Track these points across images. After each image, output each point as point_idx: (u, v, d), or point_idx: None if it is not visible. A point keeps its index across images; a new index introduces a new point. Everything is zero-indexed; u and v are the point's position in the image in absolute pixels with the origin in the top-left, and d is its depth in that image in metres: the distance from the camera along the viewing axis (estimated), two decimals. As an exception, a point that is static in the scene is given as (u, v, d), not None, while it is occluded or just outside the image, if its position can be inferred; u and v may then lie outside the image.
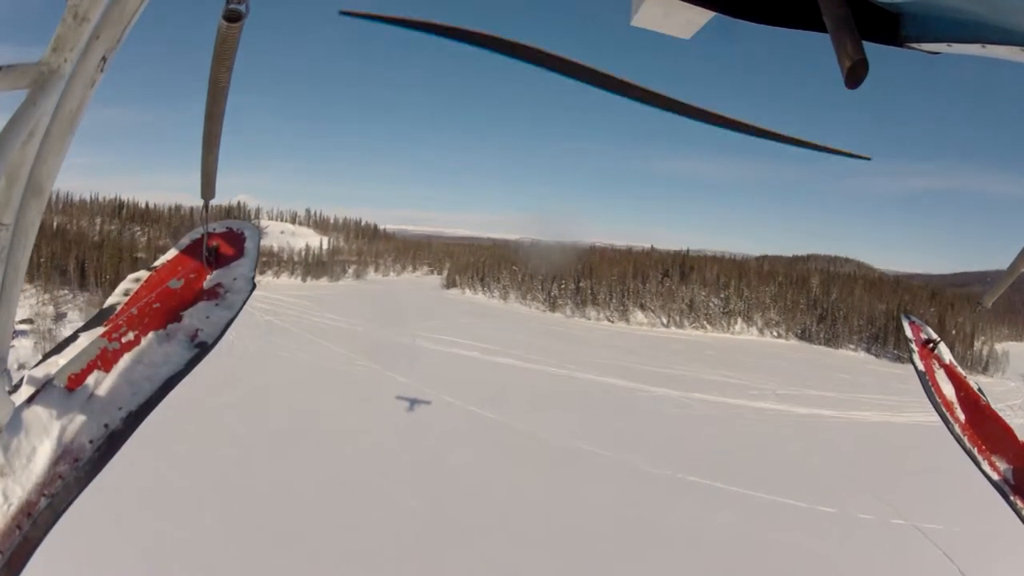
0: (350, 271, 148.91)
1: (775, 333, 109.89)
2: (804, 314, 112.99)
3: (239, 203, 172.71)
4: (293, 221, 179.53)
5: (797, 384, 74.79)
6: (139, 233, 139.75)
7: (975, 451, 3.74)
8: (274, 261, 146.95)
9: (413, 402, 53.39)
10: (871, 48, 1.64)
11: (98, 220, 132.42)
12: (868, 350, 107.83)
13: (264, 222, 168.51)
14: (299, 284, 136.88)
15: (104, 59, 1.72)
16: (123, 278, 2.88)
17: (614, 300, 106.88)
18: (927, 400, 4.03)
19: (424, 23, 2.22)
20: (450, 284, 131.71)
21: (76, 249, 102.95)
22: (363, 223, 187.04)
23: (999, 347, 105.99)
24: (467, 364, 67.15)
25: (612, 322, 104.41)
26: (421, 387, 58.00)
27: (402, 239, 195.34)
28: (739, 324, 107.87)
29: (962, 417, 3.94)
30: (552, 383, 62.63)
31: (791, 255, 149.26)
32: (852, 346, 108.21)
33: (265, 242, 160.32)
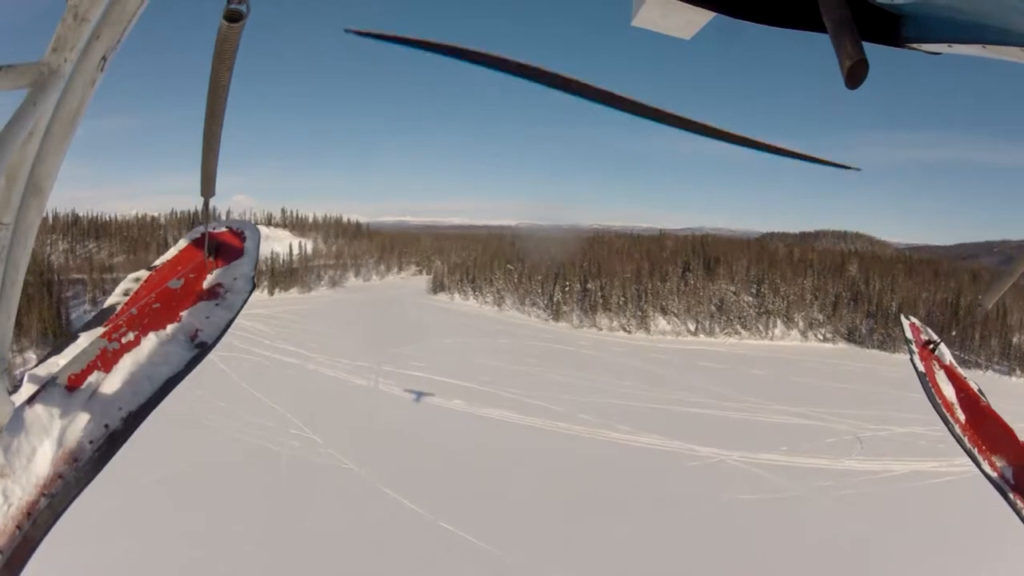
0: (325, 278, 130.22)
1: (820, 336, 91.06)
2: (849, 310, 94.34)
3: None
4: (268, 223, 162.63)
5: (874, 417, 56.26)
6: (94, 249, 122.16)
7: (975, 451, 3.63)
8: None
9: (354, 509, 34.68)
10: (871, 48, 1.64)
11: (50, 238, 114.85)
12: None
13: None
14: (264, 299, 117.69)
15: (104, 59, 1.71)
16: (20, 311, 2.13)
17: (630, 304, 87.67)
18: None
19: (428, 42, 2.16)
20: (437, 288, 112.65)
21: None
22: (345, 220, 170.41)
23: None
24: (444, 424, 47.93)
25: (629, 332, 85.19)
26: (371, 478, 39.08)
27: (390, 234, 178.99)
28: (779, 327, 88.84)
29: (962, 417, 3.84)
30: (561, 452, 43.27)
31: (799, 231, 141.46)
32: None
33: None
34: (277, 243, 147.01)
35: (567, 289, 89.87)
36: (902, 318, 4.47)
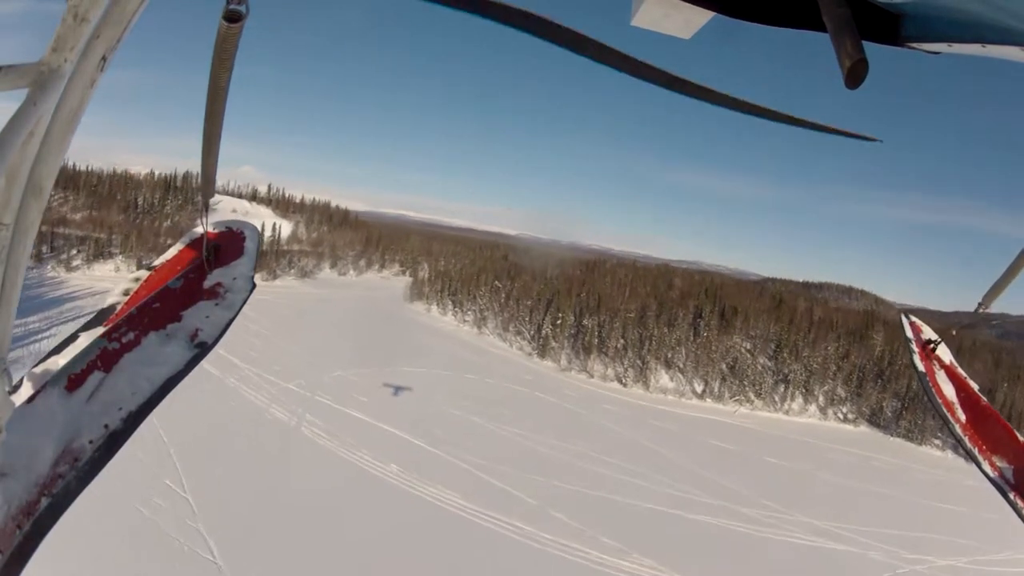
0: (296, 267, 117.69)
1: (840, 415, 78.81)
2: (874, 388, 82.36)
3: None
4: (253, 199, 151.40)
5: (911, 541, 44.87)
6: (57, 201, 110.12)
7: (975, 451, 3.61)
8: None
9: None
10: (871, 48, 1.65)
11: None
12: (956, 448, 77.67)
13: (215, 197, 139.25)
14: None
15: (104, 59, 1.71)
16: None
17: (630, 351, 74.99)
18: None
19: None
20: (416, 296, 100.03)
21: None
22: (333, 206, 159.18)
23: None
24: (364, 505, 34.79)
25: (624, 384, 72.31)
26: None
27: (381, 227, 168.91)
28: (797, 399, 76.51)
29: (963, 417, 3.82)
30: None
31: (801, 280, 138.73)
32: (937, 441, 77.89)
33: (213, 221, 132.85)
34: (255, 220, 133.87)
35: (559, 323, 77.25)
36: (902, 317, 4.25)
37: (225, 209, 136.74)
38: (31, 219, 1.66)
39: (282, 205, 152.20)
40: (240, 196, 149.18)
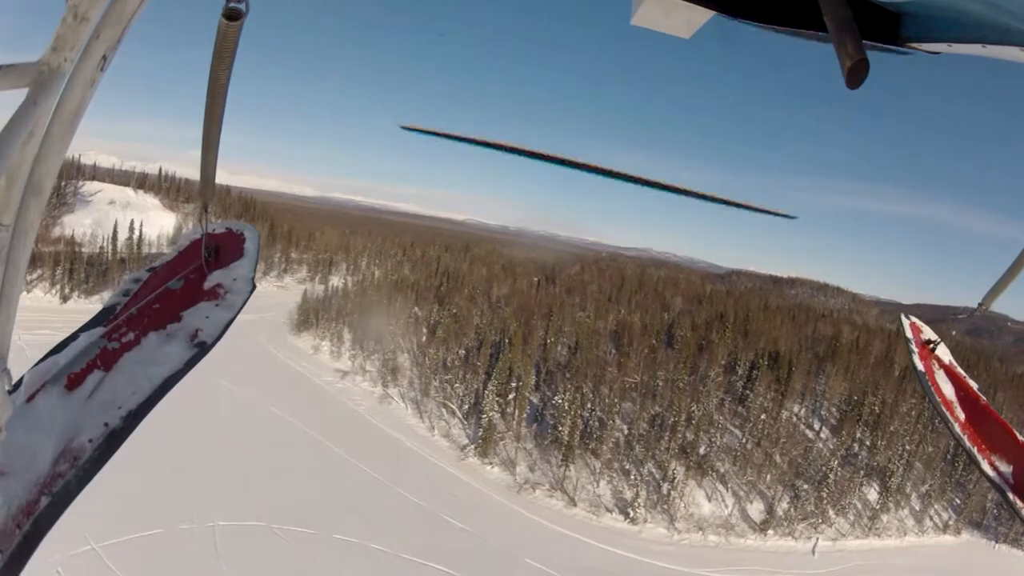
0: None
1: (938, 521, 49.23)
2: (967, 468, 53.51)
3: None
4: (142, 186, 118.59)
5: None
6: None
7: (975, 450, 3.48)
8: (49, 258, 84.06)
9: None
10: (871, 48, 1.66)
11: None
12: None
13: (93, 186, 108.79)
14: (56, 307, 71.58)
15: (104, 59, 1.69)
16: None
17: (637, 448, 42.76)
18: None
19: (480, 140, 2.22)
20: (303, 323, 66.56)
21: None
22: (236, 192, 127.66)
23: None
24: None
25: (633, 519, 40.20)
26: None
27: (321, 216, 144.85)
28: (891, 512, 46.19)
29: (962, 416, 3.68)
30: None
31: (768, 274, 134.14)
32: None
33: (81, 217, 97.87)
34: (143, 215, 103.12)
35: (513, 396, 44.53)
36: (901, 317, 4.10)
37: (102, 200, 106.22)
38: (31, 219, 1.62)
39: (173, 193, 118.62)
40: (124, 183, 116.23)
